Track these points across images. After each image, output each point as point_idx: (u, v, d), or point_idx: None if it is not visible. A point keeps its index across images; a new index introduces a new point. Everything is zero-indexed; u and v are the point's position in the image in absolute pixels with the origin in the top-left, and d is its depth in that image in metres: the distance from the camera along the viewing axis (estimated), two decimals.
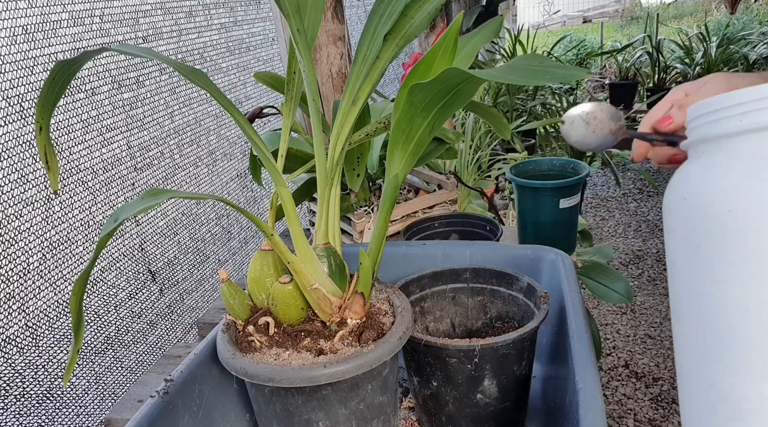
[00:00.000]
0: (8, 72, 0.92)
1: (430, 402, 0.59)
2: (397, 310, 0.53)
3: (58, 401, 1.03)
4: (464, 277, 0.67)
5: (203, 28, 1.44)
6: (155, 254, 1.29)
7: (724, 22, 5.08)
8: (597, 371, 0.48)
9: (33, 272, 0.98)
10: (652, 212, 2.86)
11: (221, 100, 0.43)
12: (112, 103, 1.16)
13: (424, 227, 1.04)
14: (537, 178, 1.63)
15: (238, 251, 1.65)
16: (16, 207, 0.94)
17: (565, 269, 0.66)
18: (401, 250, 0.76)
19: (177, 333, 1.37)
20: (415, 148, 0.51)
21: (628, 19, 9.61)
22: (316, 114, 0.51)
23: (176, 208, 1.37)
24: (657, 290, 2.19)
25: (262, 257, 0.53)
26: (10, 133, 0.93)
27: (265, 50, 1.76)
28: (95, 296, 1.12)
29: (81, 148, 1.08)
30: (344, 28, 1.24)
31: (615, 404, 1.64)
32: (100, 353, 1.13)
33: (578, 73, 0.41)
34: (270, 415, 0.50)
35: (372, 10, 0.50)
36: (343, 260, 0.53)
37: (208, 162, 1.50)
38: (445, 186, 1.14)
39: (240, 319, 0.53)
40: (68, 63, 0.40)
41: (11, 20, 0.92)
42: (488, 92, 2.76)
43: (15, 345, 0.94)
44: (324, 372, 0.45)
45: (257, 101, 1.71)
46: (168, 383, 0.52)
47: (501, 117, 0.66)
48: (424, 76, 0.47)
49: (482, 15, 3.16)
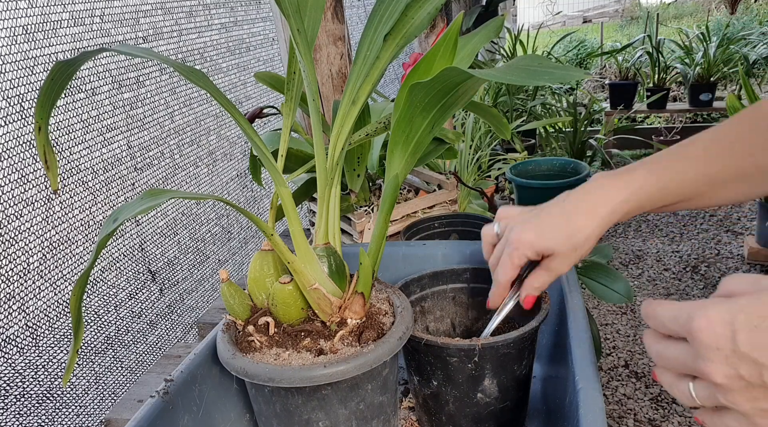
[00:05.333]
0: (8, 72, 0.92)
1: (430, 402, 0.59)
2: (397, 310, 0.53)
3: (58, 401, 1.03)
4: (464, 277, 0.67)
5: (203, 28, 1.44)
6: (155, 254, 1.29)
7: (724, 22, 5.08)
8: (597, 371, 0.48)
9: (33, 272, 0.98)
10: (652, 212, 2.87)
11: (221, 100, 0.43)
12: (112, 103, 1.16)
13: (424, 227, 1.04)
14: (537, 178, 1.63)
15: (238, 251, 1.65)
16: (16, 207, 0.94)
17: None
18: (401, 250, 0.76)
19: (177, 333, 1.37)
20: (415, 148, 0.51)
21: (628, 19, 9.61)
22: (316, 114, 0.51)
23: (176, 209, 1.37)
24: (657, 290, 2.19)
25: (262, 257, 0.53)
26: (10, 133, 0.93)
27: (265, 50, 1.76)
28: (95, 296, 1.12)
29: (81, 148, 1.08)
30: (344, 28, 1.24)
31: (615, 404, 1.64)
32: (100, 353, 1.13)
33: (577, 74, 0.41)
34: (270, 415, 0.50)
35: (372, 10, 0.50)
36: (343, 260, 0.53)
37: (208, 162, 1.50)
38: (445, 186, 1.14)
39: (240, 319, 0.53)
40: (67, 63, 0.40)
41: (11, 20, 0.92)
42: (488, 92, 2.76)
43: (15, 345, 0.94)
44: (324, 372, 0.45)
45: (257, 101, 1.71)
46: (168, 383, 0.52)
47: (501, 117, 0.66)
48: (424, 76, 0.47)
49: (482, 15, 3.16)
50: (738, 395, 0.35)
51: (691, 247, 2.48)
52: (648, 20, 4.20)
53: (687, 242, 2.53)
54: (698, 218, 2.74)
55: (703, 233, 2.59)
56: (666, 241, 2.56)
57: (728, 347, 0.34)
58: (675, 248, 2.48)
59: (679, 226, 2.69)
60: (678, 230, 2.66)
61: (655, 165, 0.51)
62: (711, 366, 0.35)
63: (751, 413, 0.35)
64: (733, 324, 0.34)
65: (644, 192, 0.50)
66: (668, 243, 2.54)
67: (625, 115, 3.50)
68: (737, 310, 0.35)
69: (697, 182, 0.50)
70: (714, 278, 2.21)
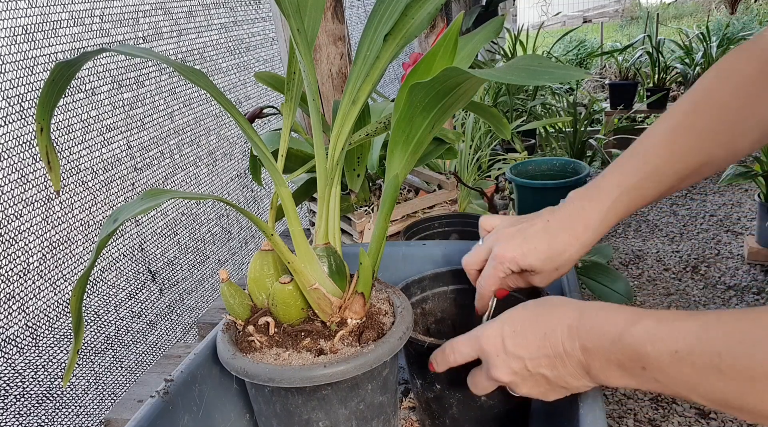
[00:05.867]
0: (8, 72, 0.92)
1: (433, 405, 0.58)
2: (397, 310, 0.53)
3: (58, 401, 1.03)
4: (465, 278, 0.67)
5: (203, 28, 1.44)
6: (155, 254, 1.29)
7: (724, 22, 5.07)
8: None
9: (33, 272, 0.98)
10: (652, 212, 2.86)
11: (221, 100, 0.43)
12: (112, 103, 1.16)
13: (424, 226, 1.04)
14: (537, 178, 1.63)
15: (238, 251, 1.65)
16: (16, 207, 0.94)
17: None
18: (401, 250, 0.76)
19: (177, 333, 1.37)
20: (415, 148, 0.51)
21: (628, 19, 9.61)
22: (316, 114, 0.51)
23: (176, 209, 1.37)
24: (657, 290, 2.19)
25: (262, 256, 0.53)
26: (10, 133, 0.93)
27: (265, 50, 1.76)
28: (95, 296, 1.12)
29: (81, 148, 1.08)
30: (344, 28, 1.24)
31: (615, 404, 1.64)
32: (100, 353, 1.13)
33: (577, 74, 0.41)
34: (270, 415, 0.50)
35: (372, 10, 0.50)
36: (343, 260, 0.53)
37: (208, 162, 1.50)
38: (445, 186, 1.14)
39: (240, 319, 0.53)
40: (68, 64, 0.40)
41: (11, 20, 0.92)
42: (488, 92, 2.76)
43: (15, 345, 0.94)
44: (324, 372, 0.45)
45: (257, 101, 1.71)
46: (168, 383, 0.52)
47: (501, 117, 0.66)
48: (424, 76, 0.47)
49: (482, 15, 3.16)
50: (523, 387, 0.46)
51: (691, 247, 2.48)
52: (648, 20, 4.20)
53: (687, 242, 2.53)
54: (698, 218, 2.74)
55: (703, 233, 2.59)
56: (666, 241, 2.56)
57: (501, 351, 0.45)
58: (675, 248, 2.48)
59: (679, 226, 2.69)
60: (678, 230, 2.66)
61: (626, 179, 0.52)
62: (497, 371, 0.46)
63: (539, 396, 0.46)
64: (502, 333, 0.45)
65: (621, 205, 0.52)
66: (668, 243, 2.54)
67: (625, 116, 3.49)
68: (504, 321, 0.46)
69: (666, 183, 0.52)
70: (714, 278, 2.21)
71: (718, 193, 3.00)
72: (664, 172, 0.51)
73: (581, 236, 0.52)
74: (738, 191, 2.99)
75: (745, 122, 0.50)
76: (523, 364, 0.44)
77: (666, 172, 0.51)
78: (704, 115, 0.51)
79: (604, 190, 0.53)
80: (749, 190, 2.97)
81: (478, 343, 0.47)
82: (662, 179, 0.52)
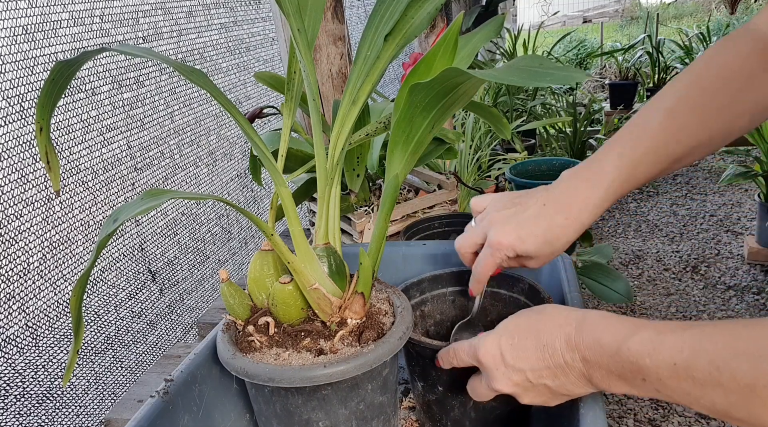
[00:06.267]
0: (8, 72, 0.92)
1: (435, 407, 0.58)
2: (397, 310, 0.53)
3: (58, 401, 1.03)
4: (464, 279, 0.67)
5: (203, 28, 1.44)
6: (155, 254, 1.29)
7: (724, 22, 5.08)
8: None
9: (33, 272, 0.98)
10: (652, 212, 2.86)
11: (221, 100, 0.43)
12: (112, 103, 1.16)
13: (424, 226, 1.04)
14: (537, 178, 1.63)
15: (238, 251, 1.65)
16: (16, 207, 0.94)
17: (565, 269, 0.66)
18: (401, 250, 0.76)
19: (177, 333, 1.37)
20: (415, 148, 0.51)
21: (628, 19, 9.61)
22: (316, 114, 0.51)
23: (176, 209, 1.37)
24: (657, 290, 2.19)
25: (262, 257, 0.53)
26: (10, 133, 0.93)
27: (265, 50, 1.76)
28: (95, 296, 1.12)
29: (81, 148, 1.08)
30: (344, 28, 1.24)
31: (615, 404, 1.64)
32: (100, 353, 1.13)
33: (579, 76, 0.41)
34: (270, 415, 0.50)
35: (373, 10, 0.50)
36: (343, 260, 0.53)
37: (208, 162, 1.50)
38: (445, 186, 1.14)
39: (240, 319, 0.53)
40: (68, 63, 0.40)
41: (11, 20, 0.92)
42: (488, 92, 2.76)
43: (15, 345, 0.94)
44: (324, 372, 0.45)
45: (257, 101, 1.71)
46: (168, 383, 0.52)
47: (501, 117, 0.66)
48: (424, 76, 0.47)
49: (482, 15, 3.16)
50: (525, 397, 0.46)
51: (691, 247, 2.48)
52: (648, 20, 4.20)
53: (687, 242, 2.53)
54: (698, 218, 2.74)
55: (703, 233, 2.59)
56: (666, 241, 2.56)
57: (501, 364, 0.46)
58: (675, 248, 2.48)
59: (679, 226, 2.69)
60: (678, 230, 2.66)
61: (624, 158, 0.52)
62: (498, 383, 0.46)
63: (543, 403, 0.47)
64: (500, 347, 0.46)
65: (618, 185, 0.51)
66: (668, 243, 2.54)
67: (625, 116, 3.50)
68: (500, 335, 0.47)
69: (661, 163, 0.52)
70: (714, 278, 2.21)
71: (718, 193, 2.99)
72: (661, 152, 0.51)
73: (578, 217, 0.51)
74: (738, 191, 2.99)
75: (744, 101, 0.50)
76: (525, 376, 0.45)
77: (663, 152, 0.51)
78: (705, 93, 0.51)
79: (599, 171, 0.52)
80: (749, 190, 2.97)
81: (476, 356, 0.47)
82: (659, 159, 0.51)
